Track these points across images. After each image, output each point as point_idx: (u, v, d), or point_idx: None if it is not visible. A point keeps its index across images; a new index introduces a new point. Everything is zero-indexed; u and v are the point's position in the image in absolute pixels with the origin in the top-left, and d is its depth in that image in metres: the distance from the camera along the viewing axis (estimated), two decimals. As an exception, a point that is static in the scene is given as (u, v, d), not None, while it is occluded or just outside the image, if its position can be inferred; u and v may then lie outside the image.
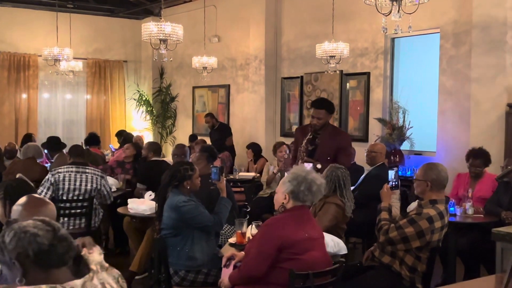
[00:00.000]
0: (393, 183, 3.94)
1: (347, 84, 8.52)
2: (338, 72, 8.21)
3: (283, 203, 3.24)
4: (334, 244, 3.68)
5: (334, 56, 7.17)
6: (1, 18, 10.63)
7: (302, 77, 9.23)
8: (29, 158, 7.06)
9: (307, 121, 9.18)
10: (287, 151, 7.23)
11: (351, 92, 8.49)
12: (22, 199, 2.41)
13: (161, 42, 5.81)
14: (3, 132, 10.57)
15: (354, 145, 7.22)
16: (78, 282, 1.74)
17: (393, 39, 8.07)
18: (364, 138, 8.11)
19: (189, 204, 3.97)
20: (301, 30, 9.22)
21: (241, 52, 10.29)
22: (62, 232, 1.80)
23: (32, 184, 3.21)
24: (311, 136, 5.37)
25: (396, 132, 7.42)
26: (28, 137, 9.07)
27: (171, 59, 6.33)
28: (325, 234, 3.59)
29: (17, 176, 3.41)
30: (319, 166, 5.01)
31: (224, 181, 4.38)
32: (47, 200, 2.53)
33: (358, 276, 3.70)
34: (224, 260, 3.53)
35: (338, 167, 4.48)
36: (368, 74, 8.18)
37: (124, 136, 9.40)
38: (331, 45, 7.10)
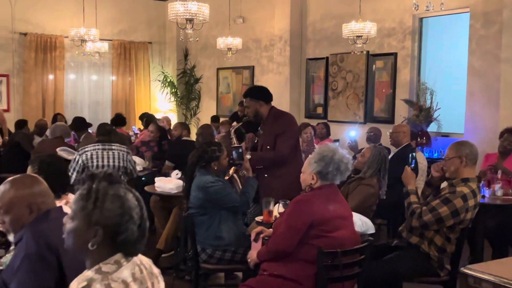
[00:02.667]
0: (412, 166, 3.92)
1: (374, 65, 8.42)
2: (364, 52, 8.12)
3: (311, 183, 3.23)
4: (362, 223, 3.67)
5: (361, 36, 7.08)
6: (28, 0, 10.72)
7: (327, 58, 9.15)
8: (57, 138, 7.15)
9: (332, 102, 9.13)
10: (312, 133, 7.21)
11: (378, 73, 8.39)
12: (8, 187, 2.36)
13: (187, 21, 5.80)
14: (31, 112, 10.69)
15: (380, 126, 7.17)
16: (126, 273, 1.71)
17: (421, 19, 7.93)
18: (390, 120, 8.02)
19: (217, 185, 3.98)
20: (327, 10, 9.12)
21: (265, 33, 10.23)
22: (146, 226, 1.77)
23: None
24: (260, 128, 5.08)
25: (423, 114, 7.33)
26: (57, 118, 9.18)
27: (197, 39, 6.33)
28: (353, 213, 3.58)
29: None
30: (248, 156, 4.67)
31: (248, 162, 4.38)
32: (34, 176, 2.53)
33: (385, 256, 3.69)
34: (253, 235, 3.54)
35: (382, 148, 4.47)
36: (395, 55, 8.07)
37: (146, 118, 9.47)
38: (358, 25, 7.01)
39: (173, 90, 12.08)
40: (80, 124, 7.56)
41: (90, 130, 7.84)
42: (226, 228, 4.02)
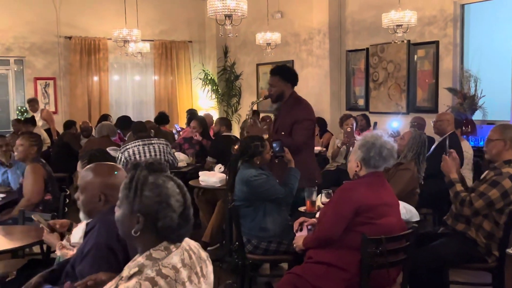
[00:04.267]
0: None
1: (415, 54, 8.31)
2: (405, 42, 8.03)
3: (356, 171, 3.24)
4: (406, 211, 3.66)
5: (401, 25, 7.00)
6: (73, 4, 11.03)
7: (367, 49, 9.07)
8: (104, 136, 7.38)
9: (373, 94, 9.05)
10: (354, 124, 7.18)
11: (419, 62, 8.27)
12: (88, 170, 2.50)
13: (226, 17, 5.87)
14: (77, 114, 11.01)
15: (423, 116, 7.09)
16: (176, 259, 1.77)
17: (462, 6, 7.78)
18: (434, 109, 7.90)
19: (260, 178, 4.02)
20: (365, 0, 9.04)
21: (304, 27, 10.22)
22: (189, 212, 1.81)
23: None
24: (277, 110, 4.93)
25: (467, 102, 7.19)
26: (105, 118, 9.43)
27: (236, 34, 6.40)
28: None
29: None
30: (266, 135, 4.61)
31: (289, 153, 4.41)
32: (111, 163, 2.64)
33: (430, 243, 3.66)
34: (296, 225, 3.58)
35: (422, 132, 4.44)
36: (437, 43, 7.94)
37: (189, 115, 9.61)
38: (398, 14, 6.94)
39: (214, 88, 12.22)
40: (125, 122, 7.75)
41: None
42: (270, 219, 4.06)
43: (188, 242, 1.89)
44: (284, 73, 4.74)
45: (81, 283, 2.11)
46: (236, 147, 4.67)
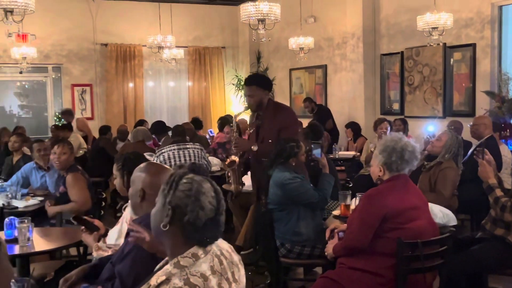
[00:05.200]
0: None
1: (451, 57, 8.16)
2: (441, 45, 7.90)
3: (379, 176, 3.20)
4: (443, 215, 3.58)
5: (437, 28, 6.89)
6: (109, 12, 11.24)
7: (402, 52, 8.96)
8: (139, 141, 7.47)
9: (408, 98, 8.94)
10: (388, 128, 7.10)
11: (456, 65, 8.12)
12: (143, 166, 2.56)
13: (259, 22, 5.89)
14: (113, 120, 11.19)
15: (460, 120, 6.95)
16: (205, 266, 1.74)
17: (500, 7, 7.61)
18: (471, 113, 7.73)
19: (295, 182, 4.01)
20: (400, 3, 8.94)
21: (338, 31, 10.17)
22: (220, 219, 1.79)
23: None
24: (255, 118, 4.88)
25: (505, 105, 7.02)
26: (141, 123, 9.55)
27: (269, 39, 6.41)
28: (432, 205, 3.51)
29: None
30: (254, 148, 4.63)
31: (325, 158, 4.39)
32: (164, 165, 2.69)
33: (468, 248, 3.58)
34: (327, 233, 3.55)
35: (457, 133, 4.40)
36: (473, 46, 7.78)
37: (221, 120, 9.65)
38: (433, 17, 6.82)
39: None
40: (160, 128, 7.83)
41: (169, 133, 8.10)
42: (304, 224, 4.04)
43: (220, 247, 1.86)
44: (260, 81, 4.80)
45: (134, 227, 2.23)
46: (254, 148, 4.67)
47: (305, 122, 9.18)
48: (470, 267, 3.42)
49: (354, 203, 3.97)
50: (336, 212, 4.07)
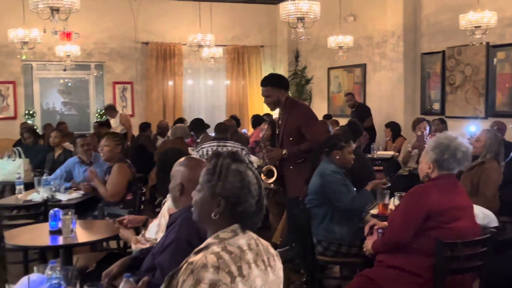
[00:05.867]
0: None
1: (495, 57, 7.98)
2: (484, 44, 7.73)
3: (427, 172, 3.16)
4: (483, 216, 3.53)
5: (480, 27, 6.76)
6: (150, 11, 11.42)
7: (443, 51, 8.81)
8: (178, 138, 7.58)
9: (449, 98, 8.78)
10: (427, 128, 6.99)
11: (499, 65, 7.94)
12: (183, 160, 2.61)
13: (299, 20, 5.90)
14: (152, 117, 11.34)
15: (504, 121, 6.80)
16: (242, 241, 1.84)
17: (547, 5, 7.41)
18: (515, 114, 7.56)
19: (334, 178, 4.02)
20: (442, 1, 8.79)
21: (377, 30, 10.07)
22: (263, 202, 1.89)
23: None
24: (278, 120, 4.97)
25: (551, 106, 6.83)
26: (180, 121, 9.68)
27: (308, 37, 6.40)
28: (474, 205, 3.45)
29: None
30: (284, 152, 4.67)
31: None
32: (204, 160, 2.72)
33: (509, 251, 3.51)
34: (366, 229, 3.54)
35: (496, 132, 4.32)
36: (518, 45, 7.60)
37: (254, 118, 9.69)
38: (476, 15, 6.70)
39: (284, 92, 12.23)
40: (198, 125, 7.92)
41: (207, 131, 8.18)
42: (338, 223, 4.05)
43: (255, 236, 1.93)
44: (275, 81, 4.84)
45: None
46: (284, 153, 4.72)
47: (342, 121, 9.16)
48: (511, 270, 3.35)
49: (392, 202, 3.94)
50: (374, 211, 4.05)
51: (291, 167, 4.73)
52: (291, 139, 4.70)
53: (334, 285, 4.57)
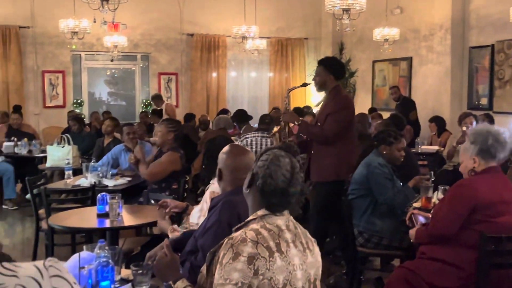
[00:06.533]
0: None
1: (547, 50, 7.74)
2: (536, 37, 7.51)
3: (473, 167, 3.10)
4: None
5: (532, 19, 6.56)
6: (195, 3, 11.53)
7: (493, 45, 8.59)
8: (221, 129, 7.66)
9: (498, 93, 8.56)
10: (473, 123, 6.84)
11: (551, 59, 7.70)
12: (226, 148, 2.66)
13: (344, 12, 5.86)
14: (196, 108, 11.49)
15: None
16: (281, 222, 1.90)
17: None
18: None
19: (380, 171, 4.00)
20: (492, -6, 8.57)
21: (424, 22, 9.89)
22: (290, 191, 1.91)
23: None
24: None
25: None
26: (224, 112, 9.79)
27: (353, 29, 6.35)
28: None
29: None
30: (297, 123, 4.67)
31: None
32: (248, 148, 2.77)
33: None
34: (407, 220, 3.51)
35: None
36: None
37: (295, 111, 9.66)
38: (529, 7, 6.50)
39: (328, 85, 12.17)
40: (241, 116, 7.99)
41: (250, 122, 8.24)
42: (380, 216, 4.03)
43: (295, 222, 1.98)
44: (329, 64, 4.74)
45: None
46: (296, 123, 4.73)
47: (386, 114, 9.05)
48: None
49: (436, 196, 3.90)
50: (417, 205, 4.01)
51: (312, 152, 4.71)
52: (318, 124, 4.70)
53: (375, 277, 4.55)
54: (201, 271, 1.96)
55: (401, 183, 4.18)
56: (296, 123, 4.72)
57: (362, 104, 11.72)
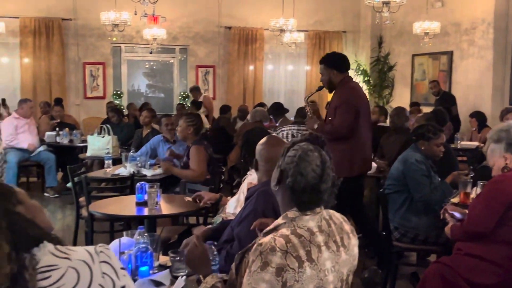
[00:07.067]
0: None
1: None
2: None
3: (506, 164, 3.05)
4: None
5: None
6: (233, -4, 11.60)
7: (538, 39, 8.37)
8: (257, 121, 7.69)
9: (542, 88, 8.34)
10: (516, 119, 6.69)
11: None
12: (263, 139, 2.68)
13: (384, 4, 5.80)
14: (233, 101, 11.53)
15: None
16: (312, 223, 1.84)
17: None
18: None
19: (417, 167, 3.96)
20: (538, -13, 8.33)
21: (466, 16, 9.68)
22: (322, 187, 1.86)
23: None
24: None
25: None
26: (261, 105, 9.82)
27: (393, 22, 6.28)
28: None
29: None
30: (314, 127, 4.49)
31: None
32: (285, 140, 2.79)
33: None
34: (446, 215, 3.46)
35: None
36: None
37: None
38: None
39: (365, 79, 12.08)
40: (278, 109, 8.00)
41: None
42: (416, 212, 3.99)
43: (330, 213, 1.93)
44: (328, 61, 4.65)
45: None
46: (315, 126, 4.67)
47: (425, 109, 8.92)
48: None
49: (475, 192, 3.84)
50: (455, 200, 3.95)
51: (332, 147, 4.65)
52: (330, 118, 4.61)
53: (410, 272, 4.51)
54: (232, 269, 1.94)
55: (439, 179, 4.13)
56: (314, 127, 4.61)
57: (400, 98, 11.57)
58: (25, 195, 1.61)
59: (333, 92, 4.74)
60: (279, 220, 1.86)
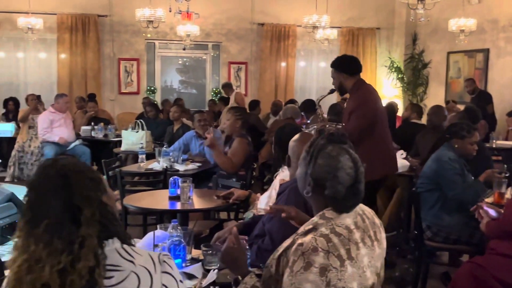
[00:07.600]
0: None
1: None
2: None
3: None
4: None
5: None
6: (266, -8, 11.61)
7: None
8: (288, 118, 7.70)
9: None
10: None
11: None
12: (296, 136, 2.71)
13: (419, 1, 5.74)
14: (264, 97, 11.55)
15: None
16: (349, 220, 1.84)
17: None
18: None
19: (451, 166, 3.92)
20: None
21: (504, 13, 9.47)
22: (359, 186, 1.84)
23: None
24: None
25: None
26: (292, 103, 9.82)
27: (428, 19, 6.20)
28: None
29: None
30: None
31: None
32: None
33: None
34: (481, 211, 3.42)
35: None
36: None
37: None
38: None
39: (399, 76, 11.95)
40: (309, 106, 7.98)
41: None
42: (448, 211, 3.95)
43: (361, 207, 1.94)
44: (337, 64, 4.55)
45: (274, 209, 2.34)
46: None
47: (460, 108, 8.77)
48: None
49: (510, 191, 3.78)
50: (489, 200, 3.90)
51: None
52: (343, 124, 4.55)
53: (441, 271, 4.47)
54: (266, 266, 1.91)
55: (472, 178, 4.08)
56: None
57: (434, 96, 11.41)
58: (106, 182, 1.56)
59: (343, 95, 4.69)
60: (317, 219, 1.84)
